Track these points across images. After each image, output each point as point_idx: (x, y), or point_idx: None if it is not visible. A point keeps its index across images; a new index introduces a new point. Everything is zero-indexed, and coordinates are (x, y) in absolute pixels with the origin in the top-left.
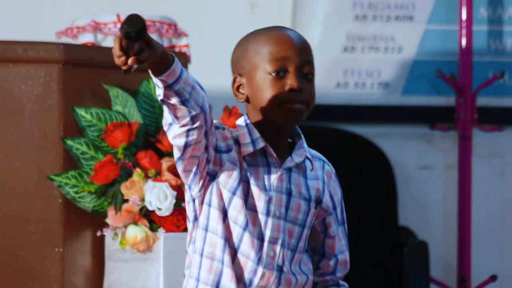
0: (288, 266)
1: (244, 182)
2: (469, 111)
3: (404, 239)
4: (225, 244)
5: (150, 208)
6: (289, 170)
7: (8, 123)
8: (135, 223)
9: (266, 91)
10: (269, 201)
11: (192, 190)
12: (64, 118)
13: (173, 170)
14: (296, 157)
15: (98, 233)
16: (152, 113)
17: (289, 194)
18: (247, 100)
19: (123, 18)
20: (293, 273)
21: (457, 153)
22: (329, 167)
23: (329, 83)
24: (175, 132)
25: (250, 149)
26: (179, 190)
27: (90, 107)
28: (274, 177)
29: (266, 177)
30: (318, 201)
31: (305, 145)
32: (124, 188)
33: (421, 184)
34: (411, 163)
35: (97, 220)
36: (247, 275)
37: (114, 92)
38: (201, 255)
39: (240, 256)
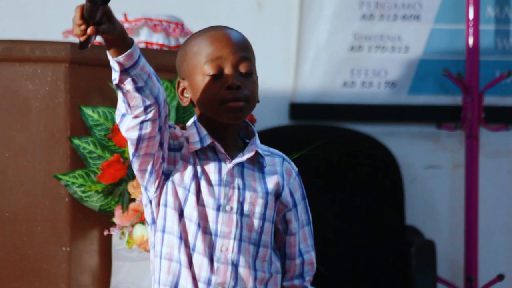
0: (250, 261)
1: (197, 178)
2: (476, 110)
3: (411, 238)
4: (180, 244)
5: None
6: (242, 166)
7: (15, 122)
8: (142, 222)
9: (205, 93)
10: (218, 196)
11: (148, 191)
12: (71, 117)
13: None
14: (247, 153)
15: (105, 233)
16: None
17: (242, 188)
18: (192, 102)
19: (130, 17)
20: (254, 269)
21: (464, 152)
22: (289, 165)
23: (336, 82)
24: (128, 124)
25: (197, 146)
26: None
27: (97, 106)
28: (224, 172)
29: (216, 172)
30: (277, 195)
31: (258, 142)
32: (131, 187)
33: (428, 184)
34: (418, 163)
35: (104, 219)
36: (204, 274)
37: None
38: (160, 257)
39: (196, 254)
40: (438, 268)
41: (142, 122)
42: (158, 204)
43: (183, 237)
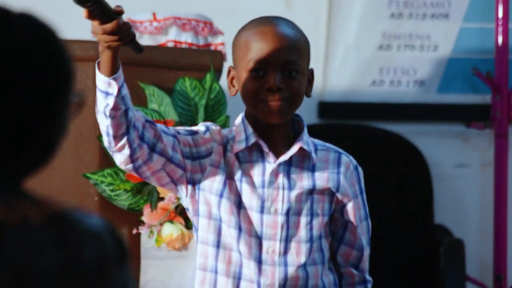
0: (302, 259)
1: (232, 181)
2: (506, 109)
3: (440, 237)
4: (217, 252)
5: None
6: (289, 164)
7: None
8: (171, 221)
9: (246, 89)
10: (262, 198)
11: (181, 200)
12: None
13: None
14: (291, 151)
15: (134, 231)
16: (188, 111)
17: (286, 188)
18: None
19: (159, 16)
20: (305, 267)
21: (493, 151)
22: (346, 158)
23: (365, 81)
24: (119, 159)
25: (242, 145)
26: None
27: None
28: (268, 173)
29: (260, 173)
30: (331, 189)
31: (306, 137)
32: None
33: (457, 183)
34: (447, 162)
35: (133, 218)
36: (254, 276)
37: (149, 90)
38: (196, 268)
39: (243, 258)
40: (467, 267)
41: (131, 154)
42: (195, 214)
43: (221, 244)
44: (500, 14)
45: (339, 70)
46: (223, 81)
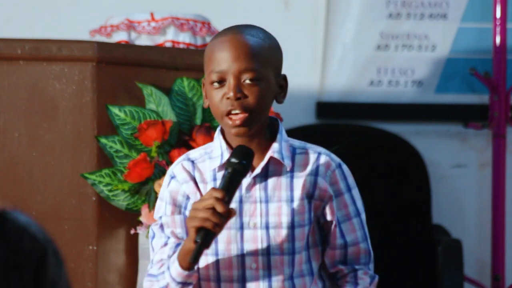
0: (287, 272)
1: None
2: (503, 109)
3: (438, 237)
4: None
5: None
6: (265, 174)
7: (42, 121)
8: None
9: (211, 101)
10: (240, 214)
11: None
12: (98, 116)
13: None
14: (263, 163)
15: (132, 231)
16: (186, 111)
17: (264, 201)
18: None
19: (157, 16)
20: (291, 278)
21: (491, 151)
22: (327, 157)
23: (363, 81)
24: None
25: (217, 163)
26: None
27: (123, 105)
28: (244, 187)
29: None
30: (308, 196)
31: (277, 144)
32: (158, 186)
33: (455, 182)
34: (445, 162)
35: (131, 218)
36: None
37: (147, 90)
38: None
39: (223, 284)
40: (465, 267)
41: None
42: None
43: (201, 276)
44: (498, 14)
45: (337, 70)
46: None
